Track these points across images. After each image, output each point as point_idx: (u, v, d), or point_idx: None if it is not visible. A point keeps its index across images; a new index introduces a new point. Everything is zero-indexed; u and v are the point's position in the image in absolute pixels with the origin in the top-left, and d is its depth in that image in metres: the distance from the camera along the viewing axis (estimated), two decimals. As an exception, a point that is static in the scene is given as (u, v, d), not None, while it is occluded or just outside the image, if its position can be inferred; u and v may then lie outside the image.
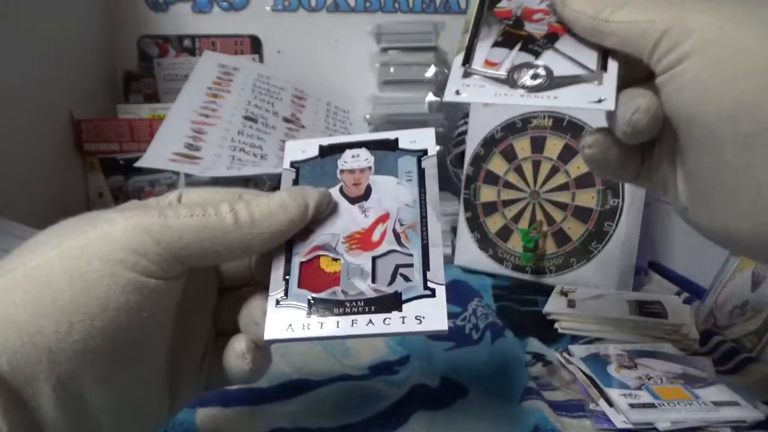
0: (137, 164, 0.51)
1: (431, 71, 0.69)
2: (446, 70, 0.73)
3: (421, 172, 0.26)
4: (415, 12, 0.81)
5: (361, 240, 0.25)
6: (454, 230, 0.61)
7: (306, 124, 0.65)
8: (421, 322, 0.22)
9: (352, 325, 0.23)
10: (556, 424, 0.30)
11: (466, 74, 0.26)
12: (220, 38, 0.79)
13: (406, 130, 0.28)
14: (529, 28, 0.26)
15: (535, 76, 0.25)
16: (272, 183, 0.52)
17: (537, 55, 0.25)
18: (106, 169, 0.66)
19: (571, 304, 0.45)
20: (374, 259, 0.24)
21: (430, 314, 0.22)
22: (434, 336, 0.41)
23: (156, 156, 0.51)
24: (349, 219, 0.26)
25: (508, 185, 0.55)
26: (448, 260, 0.59)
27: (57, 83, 0.62)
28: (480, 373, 0.36)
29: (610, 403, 0.32)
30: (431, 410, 0.31)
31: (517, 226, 0.54)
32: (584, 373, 0.35)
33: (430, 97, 0.69)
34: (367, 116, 0.70)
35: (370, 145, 0.28)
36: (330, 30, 0.80)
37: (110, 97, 0.76)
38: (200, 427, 0.30)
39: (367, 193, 0.26)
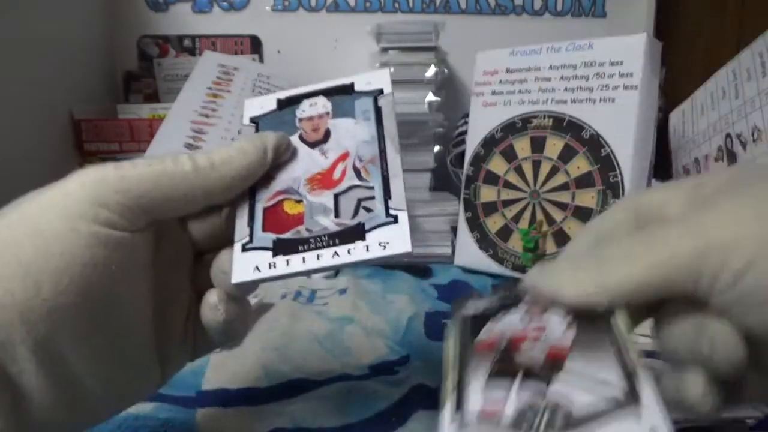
0: (137, 164, 0.51)
1: (431, 71, 0.69)
2: (446, 70, 0.73)
3: (378, 110, 0.27)
4: (415, 12, 0.81)
5: (323, 180, 0.25)
6: (454, 230, 0.61)
7: (306, 124, 0.65)
8: (385, 247, 0.23)
9: (318, 259, 0.23)
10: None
11: (463, 426, 0.17)
12: (220, 38, 0.79)
13: (361, 73, 0.29)
14: (523, 359, 0.19)
15: (550, 425, 0.17)
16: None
17: (543, 389, 0.18)
18: (106, 169, 0.66)
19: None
20: (336, 196, 0.25)
21: (394, 239, 0.23)
22: (434, 336, 0.41)
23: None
24: (310, 162, 0.26)
25: (508, 185, 0.55)
26: (448, 260, 0.59)
27: (57, 83, 0.62)
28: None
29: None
30: (431, 410, 0.31)
31: (517, 226, 0.54)
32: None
33: (430, 97, 0.69)
34: (367, 116, 0.70)
35: (327, 93, 0.28)
36: (330, 30, 0.80)
37: (110, 97, 0.76)
38: (200, 427, 0.30)
39: (326, 137, 0.27)
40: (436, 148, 0.69)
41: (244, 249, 0.24)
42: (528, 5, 0.82)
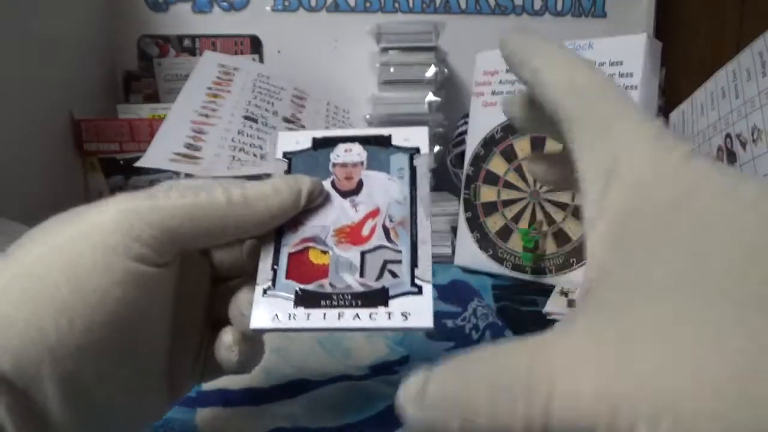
0: (137, 164, 0.51)
1: (431, 71, 0.69)
2: (446, 70, 0.73)
3: (413, 170, 0.26)
4: (415, 12, 0.81)
5: (351, 234, 0.25)
6: (454, 230, 0.61)
7: (306, 124, 0.65)
8: (407, 318, 0.22)
9: (339, 318, 0.23)
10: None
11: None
12: (220, 38, 0.79)
13: (399, 128, 0.28)
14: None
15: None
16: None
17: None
18: (106, 169, 0.66)
19: (571, 304, 0.45)
20: (363, 253, 0.24)
21: (416, 311, 0.22)
22: (434, 336, 0.41)
23: (156, 156, 0.51)
24: (340, 212, 0.26)
25: (508, 185, 0.55)
26: (448, 260, 0.59)
27: (57, 83, 0.62)
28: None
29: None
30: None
31: (517, 226, 0.54)
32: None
33: (430, 97, 0.69)
34: (367, 116, 0.70)
35: (363, 141, 0.28)
36: (330, 30, 0.80)
37: (110, 97, 0.76)
38: (200, 427, 0.30)
39: (358, 188, 0.26)
40: (436, 148, 0.69)
41: (265, 293, 0.23)
42: (528, 5, 0.82)
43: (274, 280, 0.24)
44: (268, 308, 0.23)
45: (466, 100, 0.63)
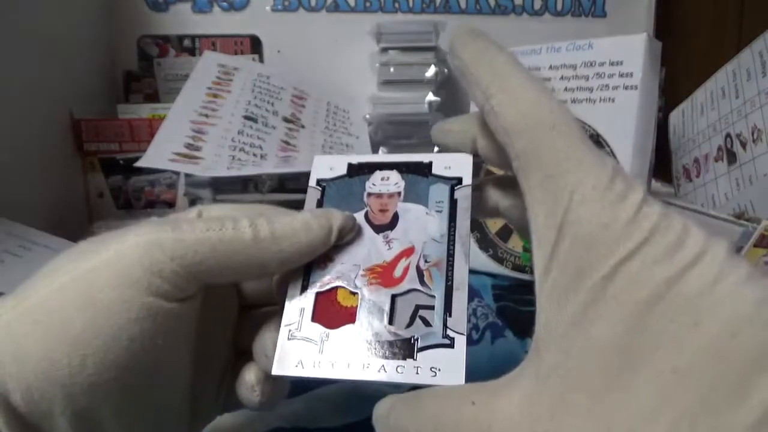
0: (137, 164, 0.51)
1: (431, 71, 0.69)
2: (446, 70, 0.73)
3: (453, 204, 0.24)
4: (415, 12, 0.81)
5: (383, 274, 0.23)
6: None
7: (306, 124, 0.65)
8: (436, 374, 0.21)
9: (364, 369, 0.21)
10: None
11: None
12: (220, 38, 0.79)
13: (441, 154, 0.26)
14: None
15: None
16: (272, 183, 0.52)
17: None
18: (106, 169, 0.66)
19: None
20: (394, 297, 0.23)
21: (447, 367, 0.21)
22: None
23: (156, 156, 0.51)
24: (372, 249, 0.24)
25: (508, 185, 0.55)
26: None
27: (57, 83, 0.62)
28: (480, 373, 0.36)
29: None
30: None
31: (517, 226, 0.54)
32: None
33: (430, 96, 0.69)
34: (367, 116, 0.70)
35: (401, 167, 0.26)
36: (330, 30, 0.80)
37: (110, 97, 0.76)
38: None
39: (393, 222, 0.25)
40: (436, 149, 0.69)
41: (290, 336, 0.22)
42: (528, 5, 0.82)
43: (300, 322, 0.23)
44: (292, 353, 0.22)
45: (466, 100, 0.63)
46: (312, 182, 0.27)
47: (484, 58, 0.20)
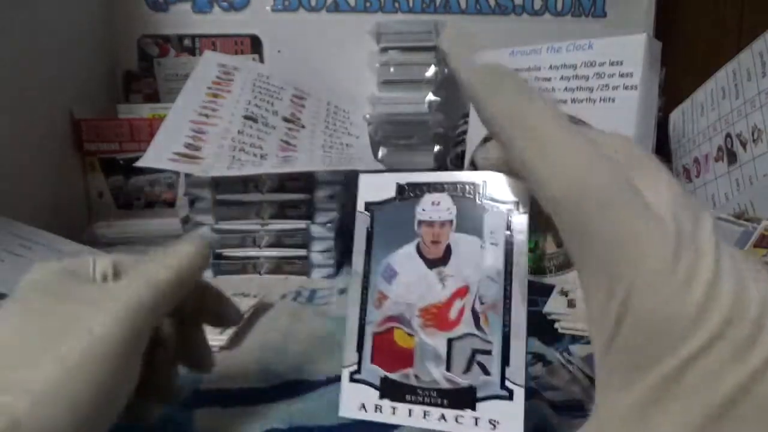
0: (137, 164, 0.51)
1: (431, 71, 0.69)
2: (446, 70, 0.73)
3: (509, 235, 0.23)
4: (415, 12, 0.81)
5: (437, 316, 0.23)
6: (454, 230, 0.61)
7: (306, 123, 0.65)
8: (495, 427, 0.21)
9: (425, 417, 0.22)
10: (556, 424, 0.29)
11: None
12: (220, 38, 0.79)
13: (494, 173, 0.24)
14: None
15: None
16: (272, 183, 0.52)
17: None
18: (106, 169, 0.66)
19: (571, 304, 0.45)
20: (450, 341, 0.22)
21: (506, 420, 0.21)
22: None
23: (156, 156, 0.51)
24: (426, 288, 0.23)
25: (508, 185, 0.55)
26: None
27: (57, 83, 0.62)
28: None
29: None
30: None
31: (517, 226, 0.54)
32: (584, 373, 0.35)
33: (430, 96, 0.69)
34: (367, 116, 0.70)
35: (452, 189, 0.24)
36: (330, 30, 0.80)
37: (110, 97, 0.76)
38: (198, 428, 0.30)
39: (446, 256, 0.23)
40: (436, 148, 0.69)
41: (352, 379, 0.23)
42: (528, 5, 0.82)
43: (359, 365, 0.23)
44: (355, 396, 0.23)
45: (466, 100, 0.63)
46: (360, 206, 0.26)
47: (510, 102, 0.19)
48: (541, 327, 0.43)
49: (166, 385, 0.27)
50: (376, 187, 0.26)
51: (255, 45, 0.80)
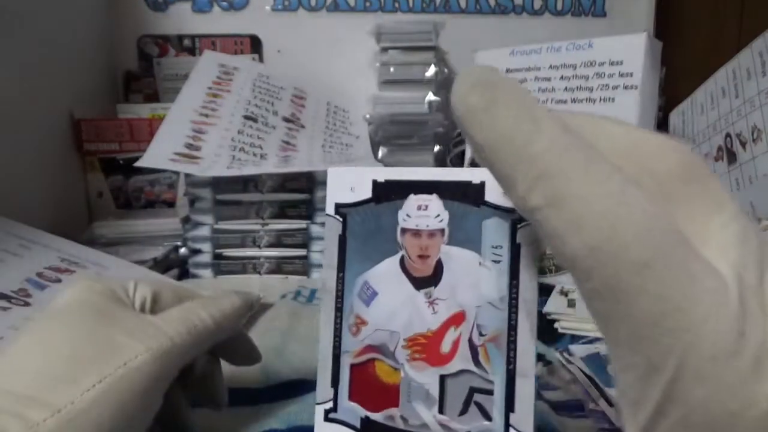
0: (137, 164, 0.51)
1: (431, 71, 0.69)
2: (446, 70, 0.73)
3: (515, 250, 0.18)
4: (415, 12, 0.81)
5: (427, 348, 0.19)
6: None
7: (306, 123, 0.65)
8: None
9: None
10: (556, 424, 0.29)
11: None
12: (220, 38, 0.79)
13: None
14: None
15: None
16: (272, 183, 0.52)
17: None
18: (106, 169, 0.66)
19: (571, 304, 0.45)
20: (443, 378, 0.19)
21: None
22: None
23: (156, 156, 0.51)
24: (413, 312, 0.19)
25: (508, 185, 0.55)
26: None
27: (57, 83, 0.62)
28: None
29: (610, 403, 0.32)
30: (431, 410, 0.31)
31: (517, 226, 0.54)
32: (584, 373, 0.35)
33: (430, 96, 0.69)
34: (367, 116, 0.70)
35: (443, 190, 0.19)
36: (330, 30, 0.80)
37: (110, 97, 0.76)
38: (196, 427, 0.30)
39: (436, 274, 0.19)
40: (436, 148, 0.69)
41: (327, 418, 0.20)
42: (528, 5, 0.82)
43: (335, 402, 0.20)
44: None
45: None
46: (329, 207, 0.21)
47: (507, 125, 0.14)
48: (541, 327, 0.43)
49: (178, 414, 0.28)
50: (348, 185, 0.21)
51: (255, 45, 0.80)
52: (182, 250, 0.55)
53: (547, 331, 0.43)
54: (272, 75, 0.69)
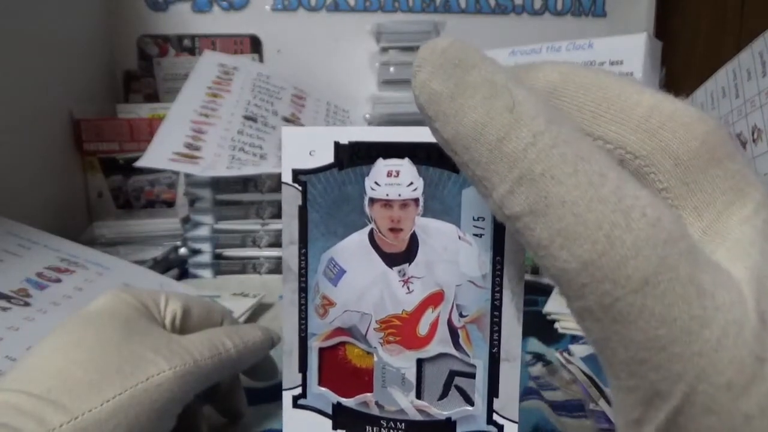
0: (137, 164, 0.51)
1: (431, 71, 0.69)
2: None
3: (499, 223, 0.14)
4: (415, 11, 0.81)
5: (402, 331, 0.17)
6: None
7: (306, 123, 0.65)
8: None
9: None
10: (556, 424, 0.29)
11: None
12: (219, 38, 0.79)
13: None
14: None
15: None
16: (272, 183, 0.52)
17: None
18: (106, 169, 0.66)
19: (571, 303, 0.45)
20: (420, 362, 0.17)
21: None
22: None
23: (156, 156, 0.51)
24: (385, 291, 0.18)
25: (508, 185, 0.55)
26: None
27: (57, 83, 0.62)
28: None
29: (610, 403, 0.32)
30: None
31: (517, 226, 0.54)
32: (584, 373, 0.35)
33: (430, 96, 0.69)
34: (367, 116, 0.70)
35: (416, 154, 0.17)
36: (330, 30, 0.80)
37: (110, 97, 0.76)
38: (200, 427, 0.30)
39: (411, 249, 0.17)
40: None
41: (296, 404, 0.19)
42: (528, 5, 0.82)
43: (304, 388, 0.19)
44: (301, 425, 0.18)
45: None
46: (286, 175, 0.18)
47: (479, 114, 0.11)
48: (541, 327, 0.43)
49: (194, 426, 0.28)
50: (307, 148, 0.18)
51: (255, 45, 0.80)
52: (182, 250, 0.55)
53: (547, 331, 0.43)
54: (272, 75, 0.69)
